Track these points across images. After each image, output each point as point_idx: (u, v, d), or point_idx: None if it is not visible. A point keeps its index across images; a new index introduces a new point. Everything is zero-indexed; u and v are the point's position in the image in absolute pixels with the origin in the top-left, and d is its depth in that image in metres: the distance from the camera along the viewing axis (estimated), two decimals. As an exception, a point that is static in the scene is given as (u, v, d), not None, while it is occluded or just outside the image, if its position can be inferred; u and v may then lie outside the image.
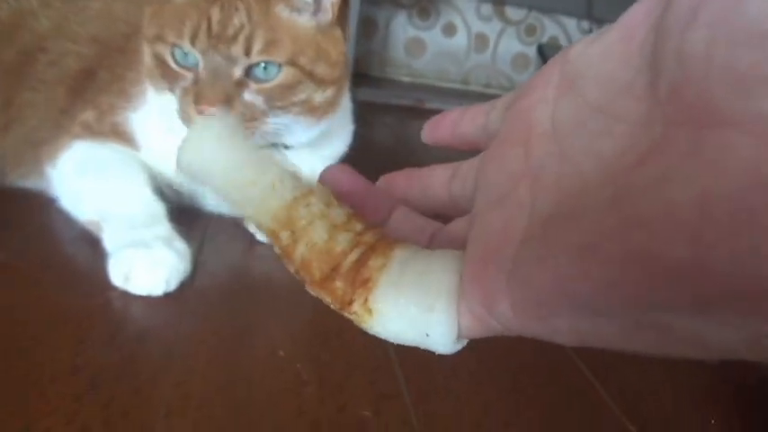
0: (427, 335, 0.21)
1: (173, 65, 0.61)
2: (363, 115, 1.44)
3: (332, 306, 0.22)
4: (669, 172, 0.15)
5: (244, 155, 0.25)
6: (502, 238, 0.20)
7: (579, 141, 0.19)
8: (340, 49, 0.66)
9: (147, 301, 0.51)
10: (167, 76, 0.62)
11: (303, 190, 0.24)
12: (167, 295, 0.52)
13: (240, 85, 0.60)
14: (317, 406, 0.41)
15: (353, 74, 1.60)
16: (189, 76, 0.61)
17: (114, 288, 0.52)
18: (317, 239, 0.23)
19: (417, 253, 0.22)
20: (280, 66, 0.61)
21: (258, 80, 0.61)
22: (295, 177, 0.24)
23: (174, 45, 0.61)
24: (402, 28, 1.93)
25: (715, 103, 0.14)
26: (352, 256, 0.22)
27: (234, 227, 0.68)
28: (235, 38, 0.60)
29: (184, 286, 0.54)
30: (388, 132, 0.86)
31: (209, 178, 0.25)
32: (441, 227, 0.25)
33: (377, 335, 0.22)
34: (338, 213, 0.24)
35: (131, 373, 0.42)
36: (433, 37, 1.93)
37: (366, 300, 0.21)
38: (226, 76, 0.60)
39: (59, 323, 0.46)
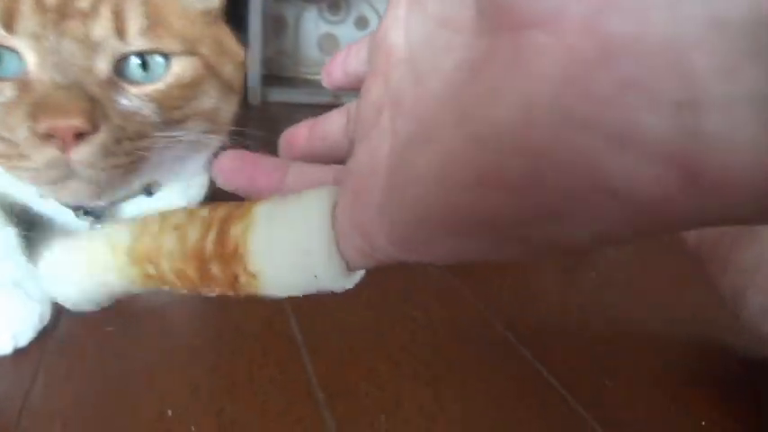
0: (315, 276, 0.20)
1: None
2: (276, 118, 1.35)
3: (230, 294, 0.22)
4: (496, 86, 0.15)
5: (85, 266, 0.24)
6: (369, 170, 0.20)
7: (428, 60, 0.18)
8: (240, 49, 0.50)
9: (-10, 362, 0.38)
10: None
11: (134, 230, 0.24)
12: (18, 351, 0.39)
13: (110, 86, 0.41)
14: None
15: (264, 75, 1.50)
16: (7, 86, 0.39)
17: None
18: (172, 248, 0.22)
19: (280, 202, 0.22)
20: (168, 57, 0.43)
21: (134, 80, 0.42)
22: (120, 227, 0.24)
23: None
24: (313, 24, 1.83)
25: (516, 2, 0.14)
26: (210, 237, 0.21)
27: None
28: (94, 12, 0.40)
29: (44, 336, 0.41)
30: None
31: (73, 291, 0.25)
32: (339, 170, 0.25)
33: (272, 296, 0.21)
34: (177, 216, 0.23)
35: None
36: (345, 31, 1.84)
37: (245, 267, 0.21)
38: (83, 72, 0.40)
39: None
